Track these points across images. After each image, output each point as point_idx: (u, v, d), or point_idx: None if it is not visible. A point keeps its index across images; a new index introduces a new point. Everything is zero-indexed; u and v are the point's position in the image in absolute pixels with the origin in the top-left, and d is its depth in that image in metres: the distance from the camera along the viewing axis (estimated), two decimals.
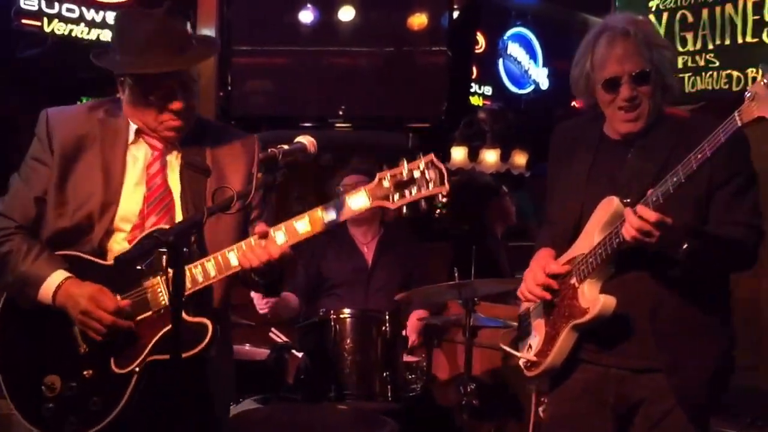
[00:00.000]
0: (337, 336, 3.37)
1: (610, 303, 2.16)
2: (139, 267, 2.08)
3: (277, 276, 2.25)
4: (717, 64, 3.40)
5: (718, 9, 3.31)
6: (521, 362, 2.45)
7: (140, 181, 2.30)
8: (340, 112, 4.86)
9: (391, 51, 4.94)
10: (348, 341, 3.38)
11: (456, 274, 3.47)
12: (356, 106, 4.89)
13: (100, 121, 2.33)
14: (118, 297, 2.19)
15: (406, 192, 2.10)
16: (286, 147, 2.06)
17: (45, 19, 4.82)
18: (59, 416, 2.19)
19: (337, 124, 4.89)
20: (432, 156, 2.12)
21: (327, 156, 5.00)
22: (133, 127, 2.33)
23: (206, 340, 2.12)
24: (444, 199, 2.14)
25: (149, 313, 2.18)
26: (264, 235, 2.14)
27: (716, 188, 2.17)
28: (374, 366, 3.37)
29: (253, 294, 3.66)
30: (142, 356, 2.15)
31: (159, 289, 2.18)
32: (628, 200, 2.15)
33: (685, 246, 2.06)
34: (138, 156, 2.32)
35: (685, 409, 2.20)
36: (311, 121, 4.81)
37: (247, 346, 3.87)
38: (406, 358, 3.57)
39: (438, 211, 5.97)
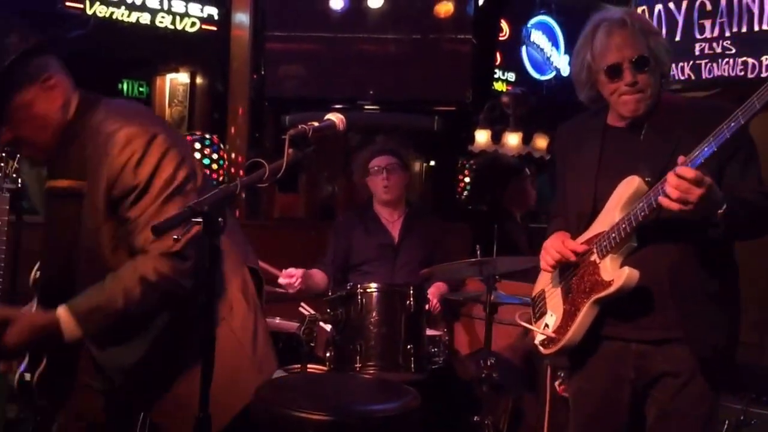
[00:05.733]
0: (363, 309, 3.47)
1: (634, 274, 2.22)
2: (176, 237, 1.99)
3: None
4: (733, 51, 3.47)
5: None
6: (537, 341, 2.51)
7: None
8: (369, 96, 4.99)
9: (418, 38, 5.05)
10: (374, 314, 3.47)
11: (478, 252, 3.57)
12: (384, 90, 5.02)
13: None
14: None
15: None
16: (316, 124, 2.07)
17: (87, 2, 4.96)
18: None
19: (367, 107, 5.01)
20: None
21: (356, 137, 5.14)
22: None
23: None
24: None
25: None
26: None
27: (726, 161, 2.22)
28: (399, 338, 3.45)
29: (281, 277, 3.83)
30: None
31: None
32: (649, 179, 2.22)
33: (723, 207, 2.07)
34: None
35: (705, 378, 2.26)
36: (341, 103, 4.94)
37: (278, 320, 4.00)
38: (429, 332, 3.67)
39: (462, 191, 6.08)
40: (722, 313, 2.31)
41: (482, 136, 7.46)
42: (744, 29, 3.47)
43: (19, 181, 3.08)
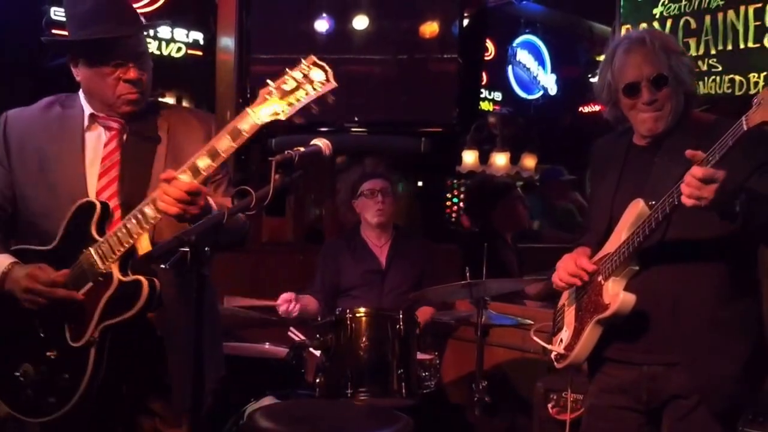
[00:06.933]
0: (353, 334, 3.45)
1: (629, 299, 2.25)
2: (163, 266, 2.09)
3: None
4: (720, 69, 3.49)
5: (720, 15, 3.41)
6: (552, 355, 2.55)
7: (95, 161, 2.41)
8: (356, 118, 4.97)
9: (404, 58, 5.04)
10: (363, 339, 3.45)
11: (467, 274, 3.55)
12: (371, 111, 4.99)
13: (57, 116, 2.45)
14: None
15: (293, 100, 2.11)
16: (302, 149, 2.11)
17: None
18: (39, 400, 2.32)
19: (353, 129, 4.99)
20: (313, 57, 2.13)
21: (343, 159, 5.11)
22: (87, 113, 2.43)
23: (142, 299, 2.23)
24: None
25: (90, 284, 2.29)
26: (169, 179, 2.17)
27: (753, 171, 2.18)
28: (389, 363, 3.44)
29: (279, 302, 3.79)
30: (93, 325, 2.27)
31: (92, 259, 2.29)
32: (653, 202, 2.21)
33: (738, 202, 2.04)
34: (94, 140, 2.43)
35: (708, 405, 2.25)
36: (327, 126, 4.93)
37: (267, 345, 3.97)
38: (420, 356, 3.65)
39: (450, 211, 6.05)
40: (732, 341, 2.28)
41: (470, 157, 7.47)
42: (729, 47, 3.49)
43: None
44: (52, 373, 2.31)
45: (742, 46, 3.48)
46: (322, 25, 5.01)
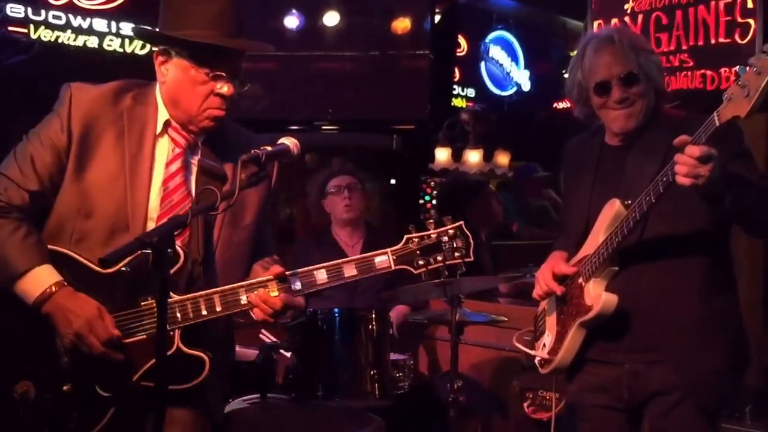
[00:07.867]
0: (325, 335, 3.42)
1: (611, 300, 2.26)
2: (125, 269, 2.05)
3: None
4: (691, 64, 3.52)
5: (691, 10, 3.44)
6: (536, 361, 2.55)
7: (156, 177, 2.19)
8: (327, 115, 4.93)
9: (376, 55, 5.03)
10: (335, 340, 3.42)
11: None
12: (342, 108, 4.97)
13: (128, 109, 2.20)
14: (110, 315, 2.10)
15: (431, 259, 2.17)
16: (269, 148, 2.06)
17: (31, 26, 4.88)
18: (30, 424, 2.09)
19: (324, 127, 4.95)
20: (462, 223, 2.20)
21: (313, 158, 5.07)
22: (162, 117, 2.20)
23: (201, 377, 2.11)
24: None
25: (143, 336, 2.10)
26: (280, 277, 2.16)
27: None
28: (362, 364, 3.41)
29: None
30: (131, 381, 2.10)
31: (155, 314, 2.06)
32: (629, 202, 2.22)
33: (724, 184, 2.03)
34: (160, 151, 2.21)
35: (693, 401, 2.26)
36: (299, 124, 4.88)
37: (237, 347, 3.90)
38: (393, 356, 3.61)
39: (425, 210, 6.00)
40: (716, 336, 2.30)
41: (443, 154, 7.44)
42: (700, 42, 3.51)
43: None
44: (58, 406, 2.08)
45: (713, 41, 3.49)
46: (292, 21, 4.98)
